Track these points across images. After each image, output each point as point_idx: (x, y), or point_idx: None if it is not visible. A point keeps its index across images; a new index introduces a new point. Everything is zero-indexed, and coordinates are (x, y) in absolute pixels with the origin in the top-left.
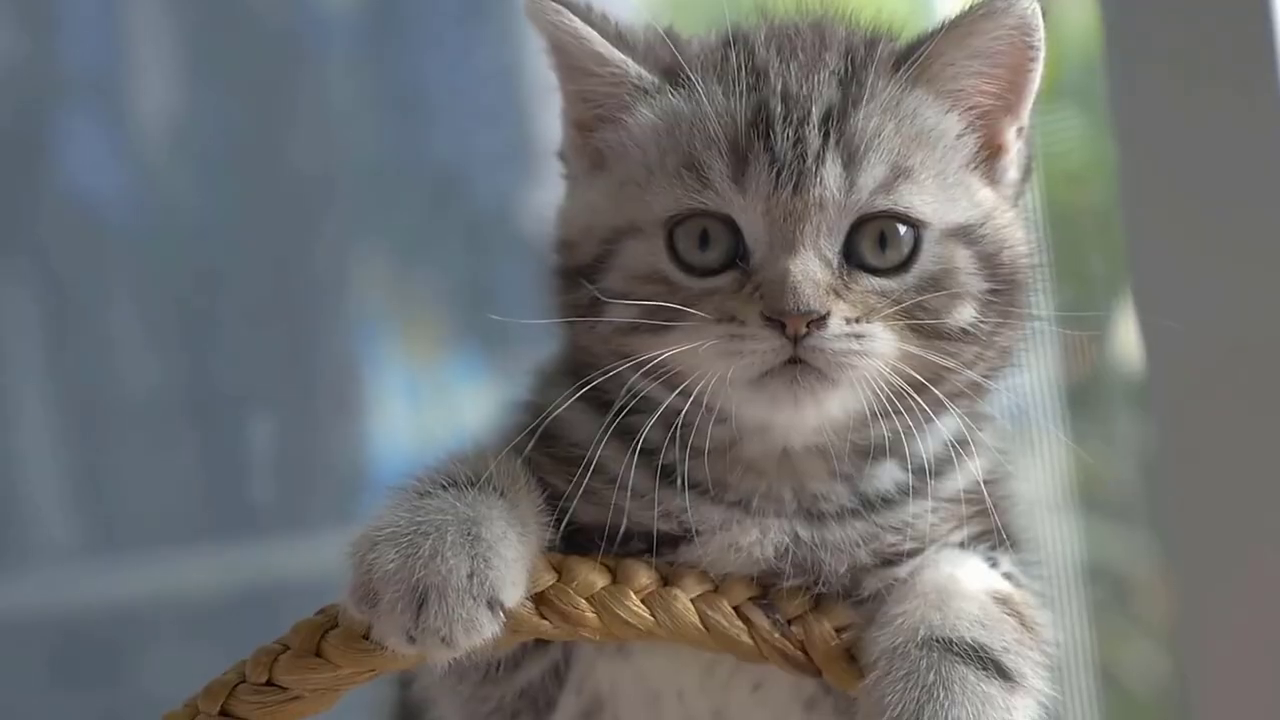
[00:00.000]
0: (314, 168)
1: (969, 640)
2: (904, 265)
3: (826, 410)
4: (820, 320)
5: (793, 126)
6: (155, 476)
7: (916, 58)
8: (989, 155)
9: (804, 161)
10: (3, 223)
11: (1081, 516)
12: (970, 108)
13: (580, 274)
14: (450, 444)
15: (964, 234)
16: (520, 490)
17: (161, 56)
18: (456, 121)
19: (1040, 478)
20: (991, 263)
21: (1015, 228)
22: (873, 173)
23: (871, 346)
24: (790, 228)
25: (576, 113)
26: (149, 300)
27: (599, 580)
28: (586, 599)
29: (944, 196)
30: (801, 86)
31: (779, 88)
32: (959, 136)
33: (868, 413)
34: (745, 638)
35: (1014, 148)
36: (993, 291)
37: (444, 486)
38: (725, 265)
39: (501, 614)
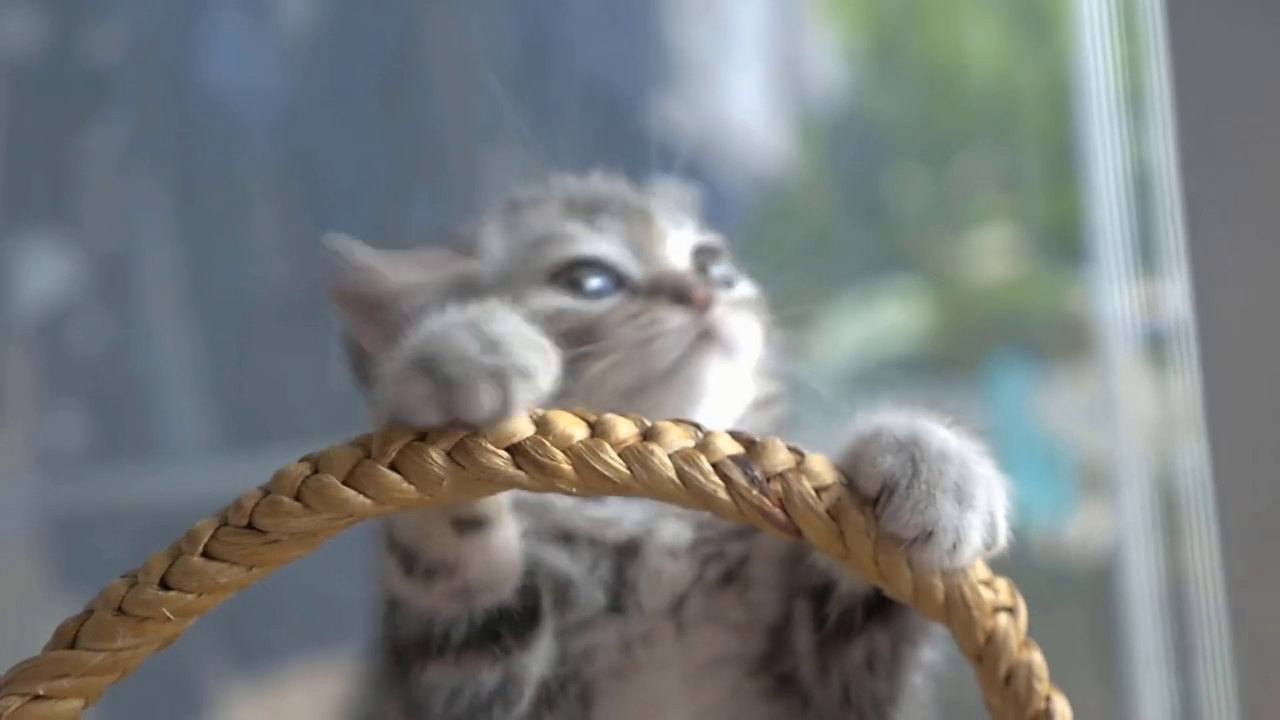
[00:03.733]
0: (449, 71)
1: None
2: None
3: (738, 369)
4: (711, 298)
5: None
6: (286, 373)
7: None
8: None
9: (641, 200)
10: (145, 122)
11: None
12: None
13: None
14: None
15: None
16: None
17: None
18: (596, 28)
19: (1175, 400)
20: None
21: None
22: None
23: (752, 320)
24: (653, 248)
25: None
26: (284, 199)
27: (577, 433)
28: (563, 451)
29: None
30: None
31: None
32: None
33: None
34: (723, 494)
35: None
36: None
37: None
38: (613, 288)
39: (550, 364)
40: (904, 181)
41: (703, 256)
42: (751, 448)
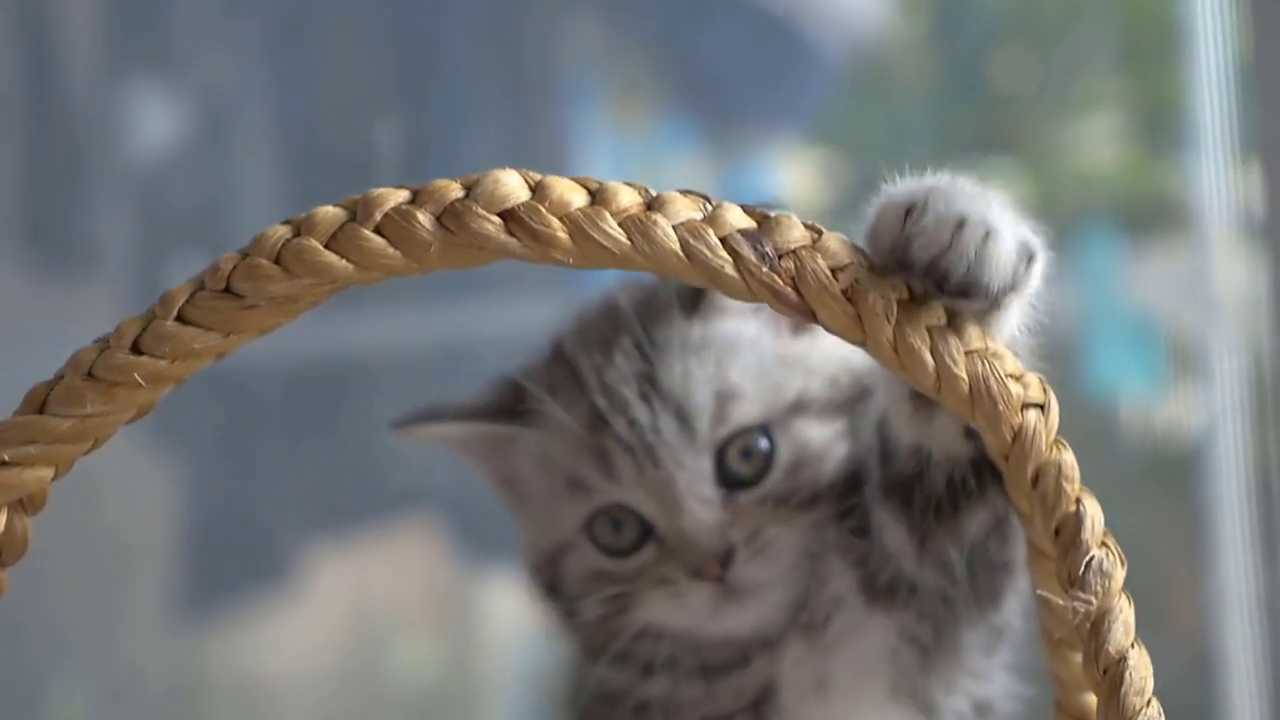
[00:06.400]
0: None
1: None
2: (768, 465)
3: (774, 602)
4: (729, 553)
5: (620, 412)
6: None
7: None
8: None
9: (644, 436)
10: None
11: None
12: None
13: (552, 592)
14: None
15: (799, 406)
16: None
17: None
18: None
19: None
20: (836, 397)
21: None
22: (704, 413)
23: (776, 551)
24: (667, 493)
25: (489, 478)
26: (369, 64)
27: (576, 200)
28: (560, 218)
29: (769, 385)
30: (610, 371)
31: (595, 383)
32: (759, 328)
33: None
34: (730, 270)
35: None
36: (849, 404)
37: None
38: (643, 540)
39: None
40: (1005, 60)
41: (734, 445)
42: (764, 223)
